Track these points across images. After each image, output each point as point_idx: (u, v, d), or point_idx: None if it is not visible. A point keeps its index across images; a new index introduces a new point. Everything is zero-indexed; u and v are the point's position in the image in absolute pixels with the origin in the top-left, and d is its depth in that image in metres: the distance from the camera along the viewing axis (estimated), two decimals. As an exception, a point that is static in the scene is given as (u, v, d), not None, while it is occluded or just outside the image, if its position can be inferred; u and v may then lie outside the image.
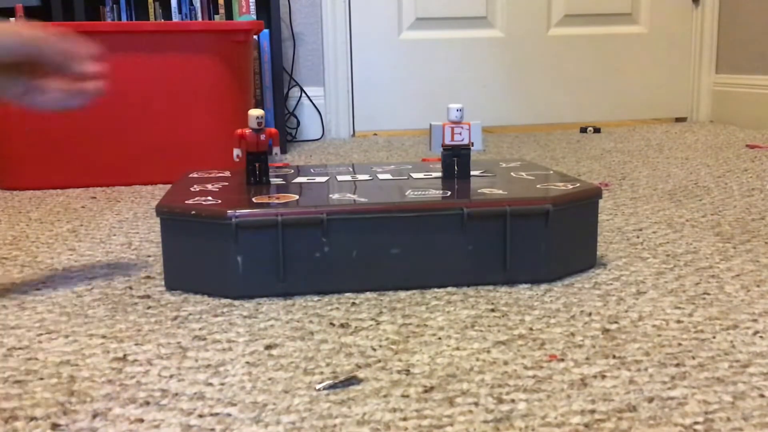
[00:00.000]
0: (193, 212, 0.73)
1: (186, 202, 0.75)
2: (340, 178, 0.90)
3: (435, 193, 0.78)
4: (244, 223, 0.71)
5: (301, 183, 0.87)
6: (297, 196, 0.78)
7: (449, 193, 0.78)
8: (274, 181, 0.88)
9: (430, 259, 0.74)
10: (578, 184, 0.81)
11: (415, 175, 0.90)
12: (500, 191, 0.78)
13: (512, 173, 0.90)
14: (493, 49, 2.43)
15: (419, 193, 0.78)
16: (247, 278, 0.73)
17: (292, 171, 0.96)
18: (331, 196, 0.78)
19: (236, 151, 0.85)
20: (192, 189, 0.83)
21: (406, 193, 0.79)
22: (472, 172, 0.90)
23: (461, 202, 0.75)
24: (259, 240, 0.72)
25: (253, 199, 0.76)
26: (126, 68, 1.44)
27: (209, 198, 0.76)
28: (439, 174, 0.89)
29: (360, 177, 0.90)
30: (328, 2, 2.33)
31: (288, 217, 0.72)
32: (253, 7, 2.11)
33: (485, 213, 0.74)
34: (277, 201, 0.75)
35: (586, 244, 0.81)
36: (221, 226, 0.72)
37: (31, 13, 2.04)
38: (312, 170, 0.96)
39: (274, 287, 0.73)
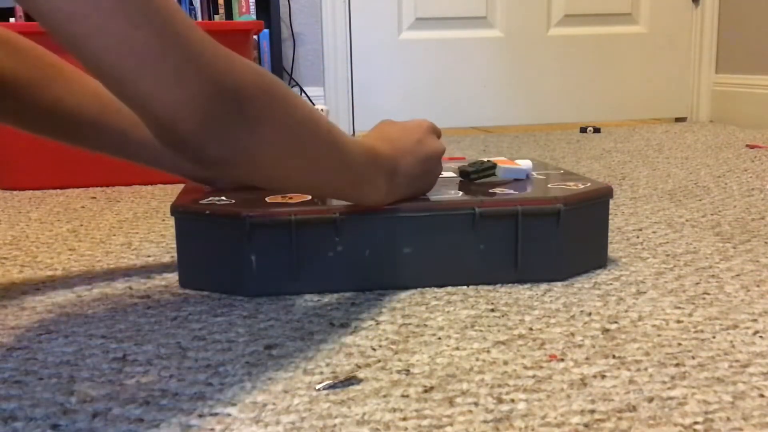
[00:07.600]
0: (208, 212, 0.73)
1: (200, 201, 0.76)
2: None
3: (447, 193, 0.78)
4: (258, 223, 0.72)
5: None
6: (309, 196, 0.78)
7: (461, 192, 0.78)
8: None
9: (443, 259, 0.75)
10: (589, 184, 0.82)
11: None
12: (512, 191, 0.78)
13: None
14: (493, 49, 2.43)
15: (431, 192, 0.79)
16: (261, 277, 0.73)
17: None
18: None
19: None
20: (205, 188, 0.83)
21: None
22: None
23: (473, 201, 0.75)
24: (273, 239, 0.72)
25: (267, 199, 0.76)
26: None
27: (223, 198, 0.77)
28: (452, 173, 0.90)
29: None
30: (328, 2, 2.33)
31: (301, 216, 0.72)
32: (253, 7, 2.11)
33: (497, 213, 0.74)
34: (290, 200, 0.76)
35: (597, 244, 0.81)
36: (235, 225, 0.72)
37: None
38: None
39: (288, 286, 0.73)
